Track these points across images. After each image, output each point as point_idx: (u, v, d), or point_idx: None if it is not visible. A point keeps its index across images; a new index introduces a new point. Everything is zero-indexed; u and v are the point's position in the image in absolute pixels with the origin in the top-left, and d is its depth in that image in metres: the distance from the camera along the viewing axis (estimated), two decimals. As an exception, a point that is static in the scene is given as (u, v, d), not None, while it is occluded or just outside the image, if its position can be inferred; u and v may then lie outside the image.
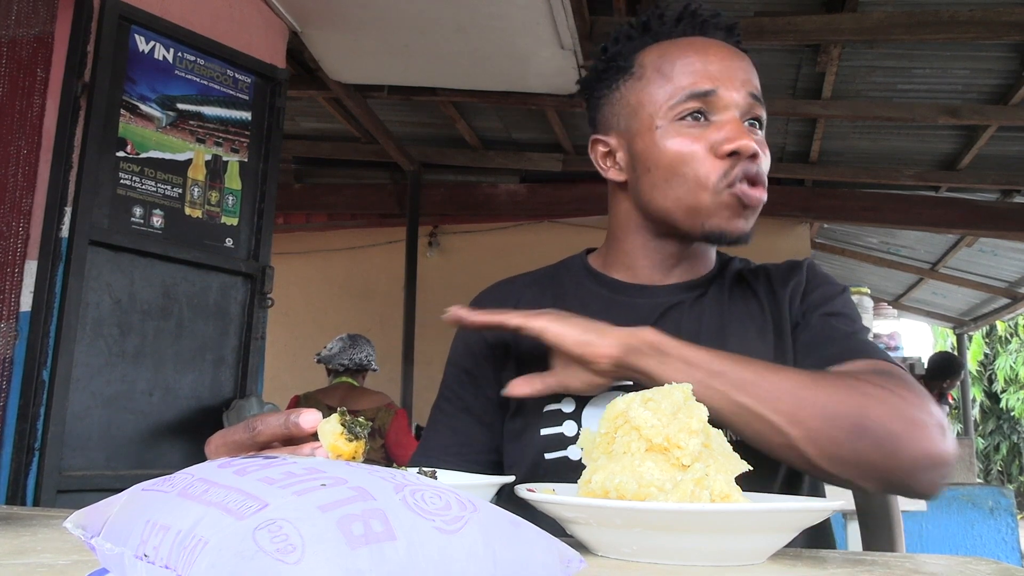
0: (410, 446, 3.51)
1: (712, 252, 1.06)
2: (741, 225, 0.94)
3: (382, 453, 3.50)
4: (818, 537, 0.93)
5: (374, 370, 3.91)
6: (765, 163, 0.95)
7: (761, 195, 0.93)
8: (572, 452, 0.93)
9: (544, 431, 0.95)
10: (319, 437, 0.64)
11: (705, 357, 0.80)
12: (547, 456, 0.94)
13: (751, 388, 0.78)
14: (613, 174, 1.02)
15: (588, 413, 0.93)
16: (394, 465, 0.69)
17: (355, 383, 3.81)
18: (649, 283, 1.02)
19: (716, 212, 0.92)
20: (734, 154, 0.91)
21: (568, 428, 0.94)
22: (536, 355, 0.98)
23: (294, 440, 0.66)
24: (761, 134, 0.97)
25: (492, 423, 1.03)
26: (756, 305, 0.99)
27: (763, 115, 0.97)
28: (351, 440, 0.63)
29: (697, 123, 0.93)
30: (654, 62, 0.97)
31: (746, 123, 0.94)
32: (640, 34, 1.00)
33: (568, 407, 0.95)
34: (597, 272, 1.06)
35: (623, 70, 1.00)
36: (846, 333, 0.92)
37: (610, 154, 1.02)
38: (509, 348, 1.01)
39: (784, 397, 0.77)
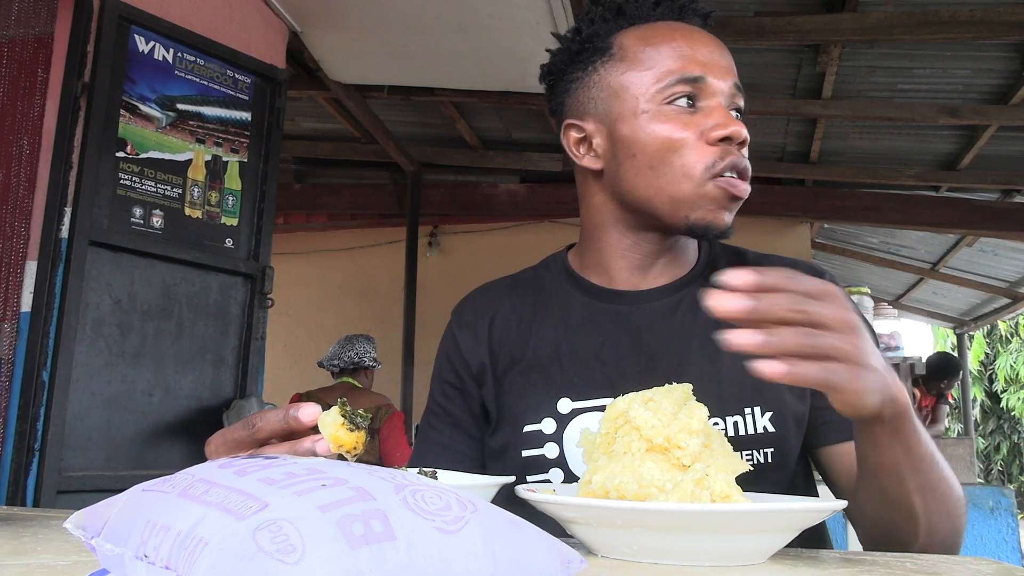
0: (400, 446, 3.51)
1: (692, 247, 1.01)
2: (726, 218, 0.90)
3: (376, 455, 3.49)
4: (815, 538, 0.93)
5: (370, 366, 3.87)
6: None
7: (747, 188, 0.90)
8: (554, 475, 0.91)
9: (525, 453, 0.93)
10: (320, 429, 0.64)
11: (918, 451, 0.73)
12: (529, 479, 0.92)
13: (927, 494, 0.75)
14: (588, 161, 0.96)
15: (570, 435, 0.91)
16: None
17: (356, 383, 3.80)
18: (628, 288, 0.97)
19: (700, 203, 0.88)
20: (724, 140, 0.88)
21: (549, 450, 0.92)
22: (513, 373, 0.97)
23: (294, 435, 0.66)
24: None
25: (481, 437, 1.01)
26: None
27: (743, 106, 0.94)
28: (352, 430, 0.63)
29: (684, 108, 0.89)
30: (636, 44, 0.93)
31: (731, 112, 0.92)
32: (614, 16, 0.96)
33: (549, 428, 0.92)
34: (577, 275, 1.01)
35: (601, 51, 0.95)
36: None
37: (585, 140, 0.97)
38: (485, 365, 0.99)
39: (941, 512, 0.76)
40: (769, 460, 0.88)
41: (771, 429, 0.89)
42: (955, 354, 7.97)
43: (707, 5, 0.98)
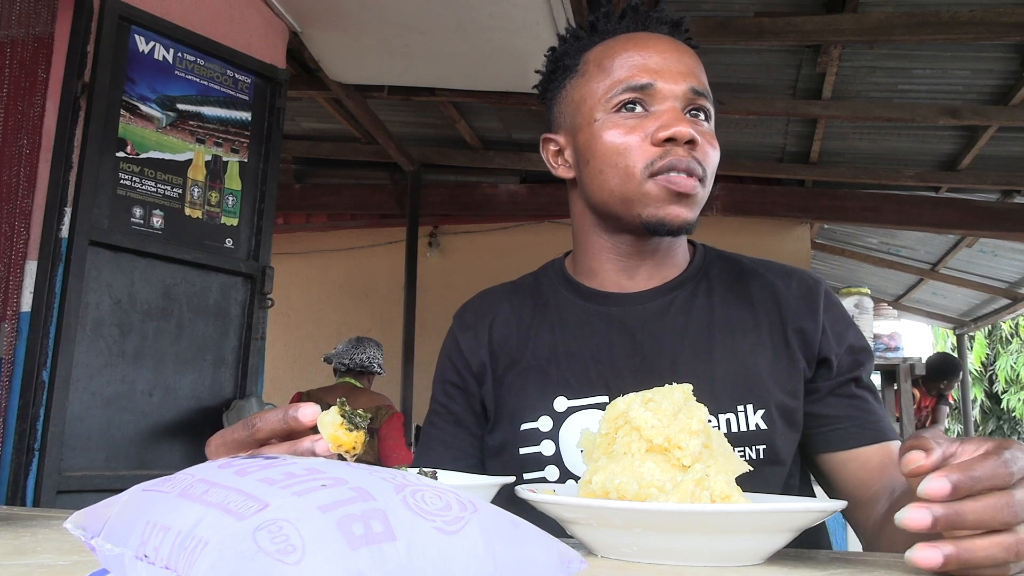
0: (398, 447, 3.51)
1: (680, 250, 1.02)
2: (679, 212, 0.91)
3: (375, 455, 3.50)
4: (815, 538, 0.94)
5: (377, 373, 3.90)
6: (711, 155, 0.93)
7: (690, 183, 0.90)
8: (550, 472, 0.93)
9: (523, 450, 0.95)
10: (319, 429, 0.64)
11: None
12: (526, 476, 0.94)
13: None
14: (562, 171, 1.03)
15: (566, 433, 0.93)
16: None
17: (357, 384, 3.81)
18: (618, 290, 1.00)
19: (646, 201, 0.91)
20: (670, 141, 0.90)
21: (546, 448, 0.94)
22: (512, 373, 0.99)
23: (294, 435, 0.66)
24: (707, 125, 0.95)
25: (482, 435, 1.03)
26: (750, 315, 0.96)
27: (708, 106, 0.95)
28: (351, 430, 0.63)
29: (633, 114, 0.93)
30: (596, 59, 0.98)
31: (688, 113, 0.93)
32: (588, 34, 1.01)
33: (545, 426, 0.94)
34: (572, 279, 1.04)
35: (569, 69, 1.01)
36: (878, 410, 0.94)
37: (560, 152, 1.03)
38: (486, 365, 1.02)
39: None
40: (762, 457, 0.90)
41: (763, 426, 0.90)
42: (955, 355, 7.97)
43: (673, 13, 1.01)
